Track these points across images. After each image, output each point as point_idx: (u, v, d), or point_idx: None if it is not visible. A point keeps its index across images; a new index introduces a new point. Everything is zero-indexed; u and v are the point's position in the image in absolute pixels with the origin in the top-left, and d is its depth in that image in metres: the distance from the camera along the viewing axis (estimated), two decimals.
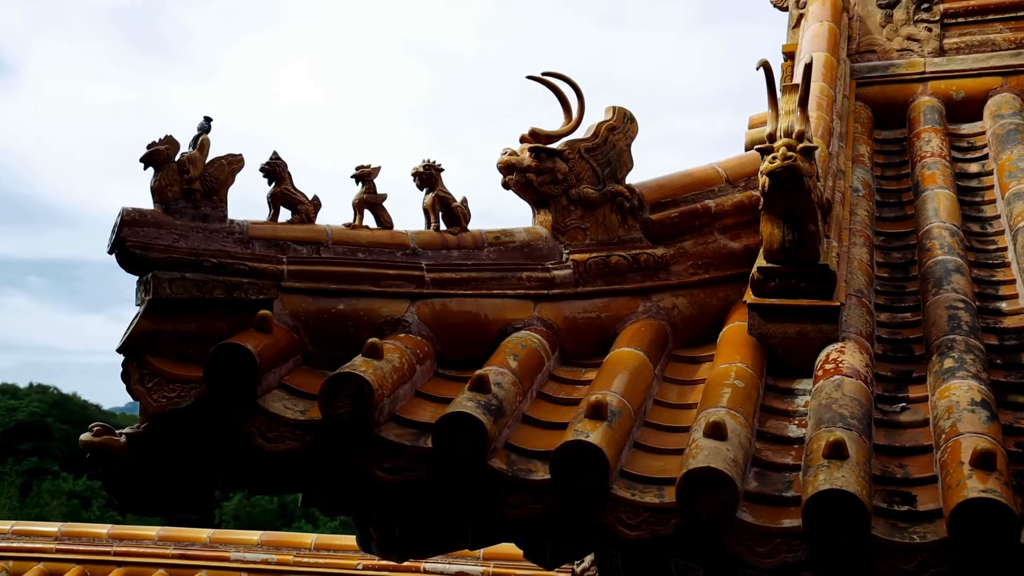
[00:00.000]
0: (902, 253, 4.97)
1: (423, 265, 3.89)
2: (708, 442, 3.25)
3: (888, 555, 3.03)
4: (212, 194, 3.63)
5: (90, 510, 31.81)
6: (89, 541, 8.75)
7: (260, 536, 8.44)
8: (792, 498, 3.23)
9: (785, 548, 3.11)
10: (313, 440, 3.37)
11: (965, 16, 6.24)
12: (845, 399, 3.53)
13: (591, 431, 3.29)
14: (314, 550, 8.21)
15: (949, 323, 4.01)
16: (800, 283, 3.94)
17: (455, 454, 3.28)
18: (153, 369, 3.44)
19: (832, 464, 3.13)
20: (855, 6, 6.42)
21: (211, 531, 8.60)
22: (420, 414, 3.52)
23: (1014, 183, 5.17)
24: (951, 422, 3.37)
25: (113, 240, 3.51)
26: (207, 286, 3.53)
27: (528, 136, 4.20)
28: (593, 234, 4.17)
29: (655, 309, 4.17)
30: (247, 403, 3.39)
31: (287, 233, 3.77)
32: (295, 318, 3.65)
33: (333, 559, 8.13)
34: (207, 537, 8.53)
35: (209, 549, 8.46)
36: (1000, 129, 5.69)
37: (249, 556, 8.26)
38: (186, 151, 3.65)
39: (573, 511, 3.25)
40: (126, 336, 3.47)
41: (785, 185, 3.79)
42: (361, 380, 3.33)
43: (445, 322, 3.85)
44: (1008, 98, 5.97)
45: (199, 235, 3.60)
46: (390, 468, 3.34)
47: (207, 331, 3.53)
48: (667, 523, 3.19)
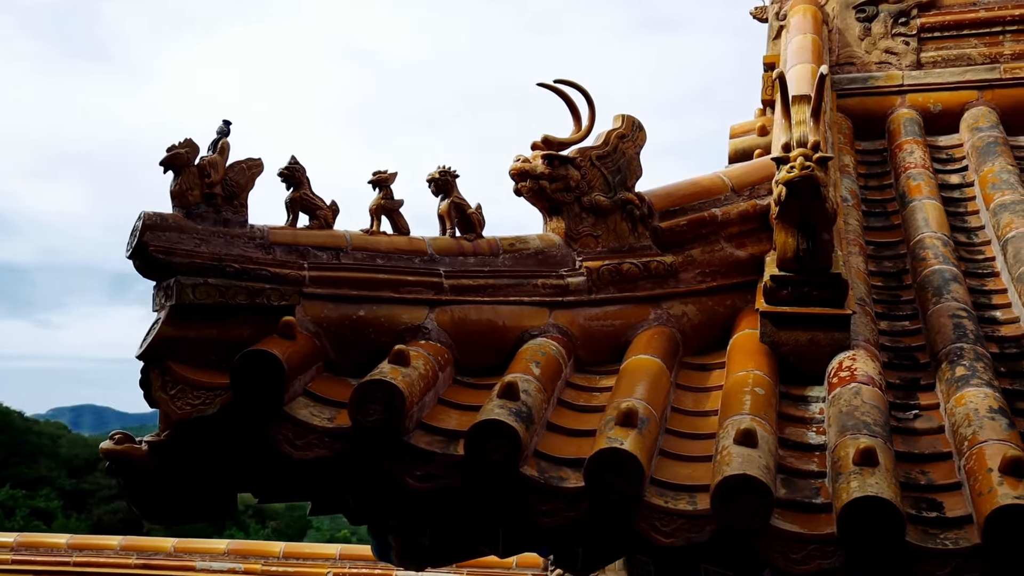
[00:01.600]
0: (893, 262, 5.06)
1: (441, 272, 3.87)
2: (740, 449, 3.28)
3: (922, 561, 3.08)
4: (233, 198, 3.57)
5: (13, 519, 30.98)
6: (47, 552, 8.56)
7: (227, 545, 8.33)
8: (822, 505, 3.27)
9: (819, 554, 3.14)
10: (342, 448, 3.33)
11: (941, 31, 6.38)
12: (866, 406, 3.57)
13: (624, 438, 3.29)
14: (283, 559, 8.11)
15: (955, 331, 4.09)
16: (812, 291, 3.99)
17: (488, 461, 3.26)
18: (176, 376, 3.37)
19: (864, 471, 3.18)
20: (834, 19, 6.52)
21: (175, 540, 8.45)
22: (446, 421, 3.50)
23: (998, 195, 5.30)
24: (972, 429, 3.43)
25: (134, 244, 3.43)
26: (230, 292, 3.48)
27: (540, 143, 4.19)
28: (604, 241, 4.18)
29: (665, 316, 4.19)
30: (274, 410, 3.34)
31: (307, 239, 3.72)
32: (317, 324, 3.60)
33: (303, 567, 8.05)
34: (171, 546, 8.38)
35: (173, 559, 8.32)
36: (979, 142, 5.83)
37: (216, 565, 8.14)
38: (205, 155, 3.59)
39: (606, 518, 3.26)
40: (148, 342, 3.39)
41: (802, 194, 3.84)
42: (392, 387, 3.30)
43: (464, 329, 3.83)
44: (984, 111, 6.11)
45: (220, 240, 3.54)
46: (421, 476, 3.32)
47: (229, 337, 3.47)
48: (702, 530, 3.21)
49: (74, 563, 8.44)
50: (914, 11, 6.43)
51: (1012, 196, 5.24)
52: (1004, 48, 6.27)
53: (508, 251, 4.04)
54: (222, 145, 3.61)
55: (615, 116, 4.37)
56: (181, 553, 8.35)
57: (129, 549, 8.42)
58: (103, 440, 3.48)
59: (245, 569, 8.09)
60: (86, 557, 8.45)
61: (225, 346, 3.46)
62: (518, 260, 4.03)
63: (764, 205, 4.46)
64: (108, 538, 8.56)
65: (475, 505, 3.38)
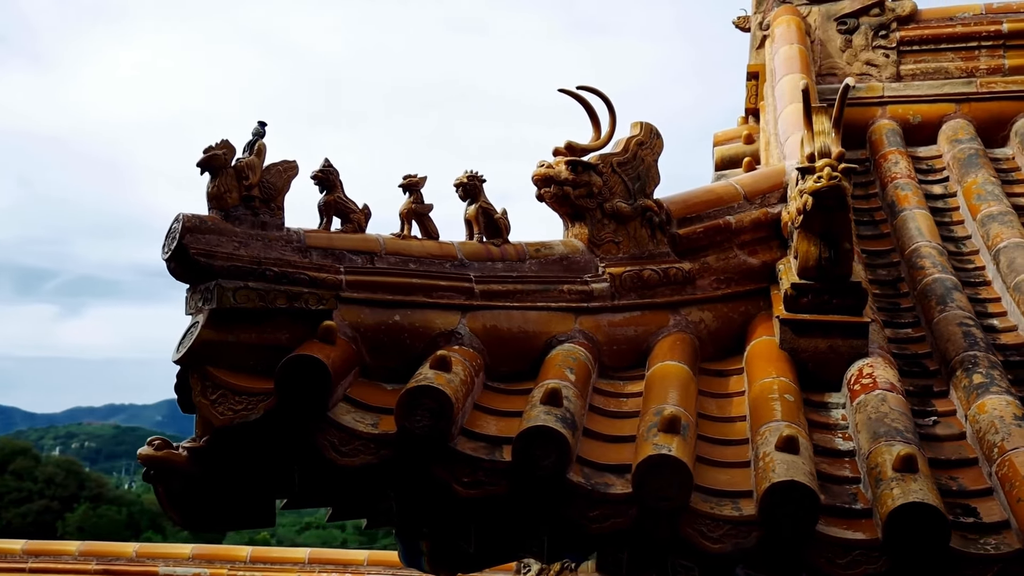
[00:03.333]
0: (887, 271, 5.17)
1: (472, 277, 3.85)
2: (783, 455, 3.32)
3: (965, 566, 3.16)
4: (270, 201, 3.52)
5: None
6: (1, 558, 8.30)
7: (192, 549, 8.18)
8: (862, 511, 3.34)
9: (864, 560, 3.20)
10: (388, 454, 3.31)
11: (920, 44, 6.54)
12: (894, 413, 3.65)
13: (670, 444, 3.32)
14: (250, 563, 7.99)
15: (966, 340, 4.20)
16: (833, 299, 4.06)
17: (536, 468, 3.26)
18: (217, 381, 3.30)
19: (906, 478, 3.24)
20: (816, 30, 6.65)
21: (138, 545, 8.29)
22: (486, 427, 3.49)
23: (984, 206, 5.45)
24: (1000, 436, 3.53)
25: (174, 247, 3.36)
26: (269, 295, 3.42)
27: (564, 149, 4.20)
28: (625, 248, 4.21)
29: (684, 323, 4.23)
30: (318, 416, 3.30)
31: (342, 243, 3.68)
32: (354, 329, 3.57)
33: (271, 571, 7.93)
34: (133, 551, 8.22)
35: (136, 564, 8.15)
36: (961, 153, 5.98)
37: (180, 571, 8.00)
38: (241, 156, 3.53)
39: (653, 524, 3.28)
40: (188, 347, 3.32)
41: (828, 204, 3.91)
42: (440, 393, 3.29)
43: (495, 334, 3.82)
44: (963, 124, 6.28)
45: (259, 243, 3.48)
46: (469, 482, 3.30)
47: (268, 342, 3.43)
48: (748, 536, 3.25)
49: (30, 569, 8.22)
50: (893, 24, 6.58)
51: (998, 207, 5.40)
52: (980, 63, 6.45)
53: (534, 256, 4.04)
54: (258, 147, 3.55)
55: (633, 123, 4.40)
56: (144, 558, 8.18)
57: (88, 554, 8.22)
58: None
59: (211, 574, 7.96)
60: (42, 563, 8.23)
61: (264, 350, 3.41)
62: (543, 266, 4.04)
63: (775, 213, 4.53)
64: (66, 544, 8.34)
65: (519, 511, 3.37)
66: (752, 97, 6.75)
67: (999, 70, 6.43)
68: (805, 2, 6.69)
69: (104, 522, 31.82)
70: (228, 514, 3.45)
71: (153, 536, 29.16)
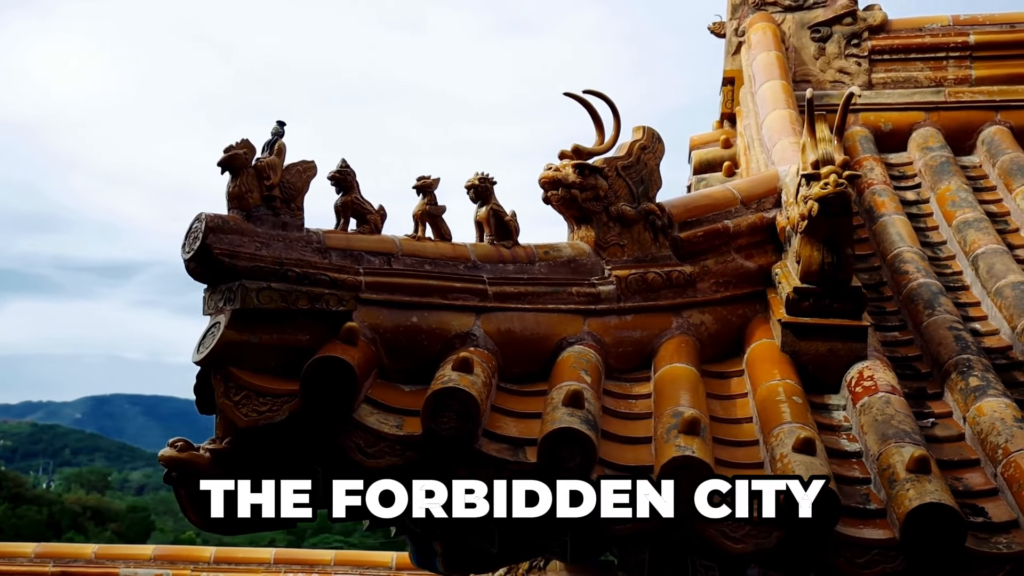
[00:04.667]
0: (869, 275, 5.28)
1: (485, 279, 3.87)
2: (800, 457, 3.40)
3: (978, 565, 3.26)
4: (290, 201, 3.50)
5: None
6: None
7: (153, 550, 8.06)
8: (876, 511, 3.42)
9: (882, 559, 3.28)
10: (413, 456, 3.31)
11: (890, 53, 6.70)
12: (900, 415, 3.75)
13: (692, 445, 3.37)
14: (214, 563, 7.89)
15: (957, 343, 4.32)
16: (833, 303, 4.15)
17: (562, 470, 3.29)
18: (240, 382, 3.28)
19: (921, 479, 3.34)
20: (790, 38, 6.77)
21: (96, 546, 8.14)
22: (506, 429, 3.50)
23: (960, 212, 5.60)
24: (1004, 438, 3.64)
25: (197, 247, 3.32)
26: (291, 296, 3.40)
27: (570, 152, 4.23)
28: (630, 251, 4.25)
29: (686, 325, 4.29)
30: (343, 418, 3.29)
31: (360, 244, 3.67)
32: (373, 330, 3.56)
33: (235, 572, 7.85)
34: (92, 552, 8.06)
35: (95, 565, 8.00)
36: (932, 161, 6.14)
37: (141, 572, 7.87)
38: (261, 156, 3.50)
39: (676, 525, 3.32)
40: (211, 347, 3.29)
41: (834, 210, 3.99)
42: (467, 395, 3.30)
43: (508, 336, 3.84)
44: (932, 132, 6.44)
45: (280, 244, 3.46)
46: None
47: (289, 343, 3.41)
48: (769, 536, 3.31)
49: None
50: (865, 33, 6.72)
51: (973, 214, 5.55)
52: (948, 73, 6.62)
53: (543, 259, 4.07)
54: (279, 146, 3.53)
55: (635, 128, 4.44)
56: (103, 559, 8.02)
57: (45, 556, 8.04)
58: None
59: (174, 574, 7.84)
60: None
61: (285, 351, 3.39)
62: (552, 268, 4.07)
63: (770, 218, 4.61)
64: (22, 545, 8.15)
65: None
66: (728, 102, 6.85)
67: (966, 80, 6.61)
68: (780, 10, 6.81)
69: (24, 523, 31.05)
70: (249, 517, 3.41)
71: (76, 537, 28.56)
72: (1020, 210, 5.65)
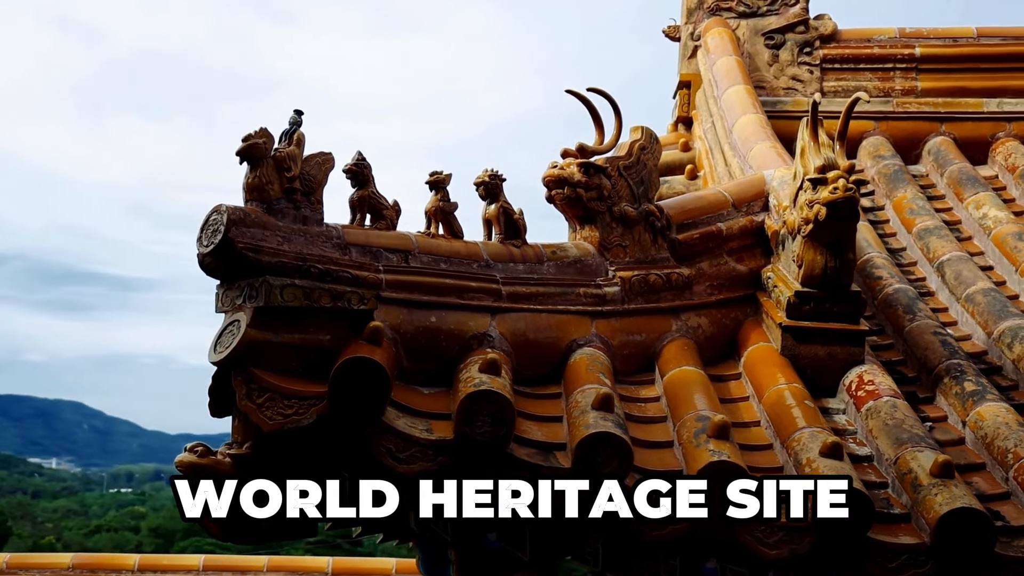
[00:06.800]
0: None
1: (498, 278, 3.76)
2: (829, 462, 3.39)
3: (1007, 569, 3.29)
4: (310, 194, 3.32)
5: None
6: None
7: (72, 559, 7.66)
8: (901, 515, 3.43)
9: (912, 563, 3.30)
10: (445, 461, 3.18)
11: (841, 63, 6.81)
12: (909, 420, 3.78)
13: (725, 450, 3.33)
14: (138, 571, 7.53)
15: (945, 348, 4.38)
16: (833, 308, 4.17)
17: (599, 475, 3.21)
18: (263, 383, 3.09)
19: (947, 483, 3.36)
20: (744, 43, 6.82)
21: (9, 555, 7.68)
22: (532, 433, 3.41)
23: (919, 220, 5.72)
24: (1012, 442, 3.69)
25: (219, 240, 3.11)
26: (314, 294, 3.23)
27: (575, 151, 4.15)
28: (631, 252, 4.19)
29: (685, 328, 4.25)
30: (372, 421, 3.14)
31: (379, 240, 3.52)
32: (394, 331, 3.41)
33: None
34: (4, 562, 7.60)
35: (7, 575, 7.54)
36: (886, 169, 6.25)
37: None
38: (279, 146, 3.31)
39: (711, 531, 3.28)
40: (232, 346, 3.09)
41: (842, 215, 4.01)
42: (501, 398, 3.20)
43: (522, 337, 3.74)
44: (881, 140, 6.57)
45: (301, 238, 3.28)
46: None
47: (311, 342, 3.24)
48: (802, 541, 3.29)
49: None
50: (817, 42, 6.82)
51: (932, 222, 5.67)
52: (895, 83, 6.77)
53: (551, 259, 3.98)
54: (298, 136, 3.35)
55: (633, 128, 4.39)
56: (15, 568, 7.56)
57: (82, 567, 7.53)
58: None
59: None
60: None
61: (307, 351, 3.23)
62: (560, 268, 3.98)
63: (759, 221, 4.60)
64: (59, 556, 7.61)
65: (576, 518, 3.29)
66: (684, 106, 6.86)
67: (912, 91, 6.76)
68: (735, 16, 6.86)
69: None
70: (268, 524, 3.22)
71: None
72: (972, 219, 5.80)
